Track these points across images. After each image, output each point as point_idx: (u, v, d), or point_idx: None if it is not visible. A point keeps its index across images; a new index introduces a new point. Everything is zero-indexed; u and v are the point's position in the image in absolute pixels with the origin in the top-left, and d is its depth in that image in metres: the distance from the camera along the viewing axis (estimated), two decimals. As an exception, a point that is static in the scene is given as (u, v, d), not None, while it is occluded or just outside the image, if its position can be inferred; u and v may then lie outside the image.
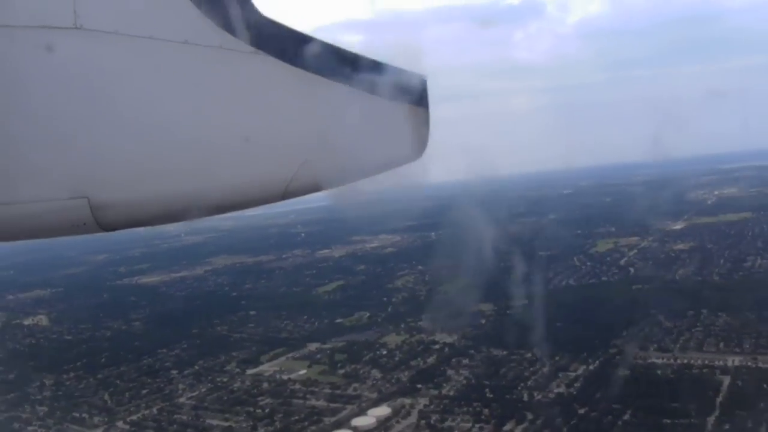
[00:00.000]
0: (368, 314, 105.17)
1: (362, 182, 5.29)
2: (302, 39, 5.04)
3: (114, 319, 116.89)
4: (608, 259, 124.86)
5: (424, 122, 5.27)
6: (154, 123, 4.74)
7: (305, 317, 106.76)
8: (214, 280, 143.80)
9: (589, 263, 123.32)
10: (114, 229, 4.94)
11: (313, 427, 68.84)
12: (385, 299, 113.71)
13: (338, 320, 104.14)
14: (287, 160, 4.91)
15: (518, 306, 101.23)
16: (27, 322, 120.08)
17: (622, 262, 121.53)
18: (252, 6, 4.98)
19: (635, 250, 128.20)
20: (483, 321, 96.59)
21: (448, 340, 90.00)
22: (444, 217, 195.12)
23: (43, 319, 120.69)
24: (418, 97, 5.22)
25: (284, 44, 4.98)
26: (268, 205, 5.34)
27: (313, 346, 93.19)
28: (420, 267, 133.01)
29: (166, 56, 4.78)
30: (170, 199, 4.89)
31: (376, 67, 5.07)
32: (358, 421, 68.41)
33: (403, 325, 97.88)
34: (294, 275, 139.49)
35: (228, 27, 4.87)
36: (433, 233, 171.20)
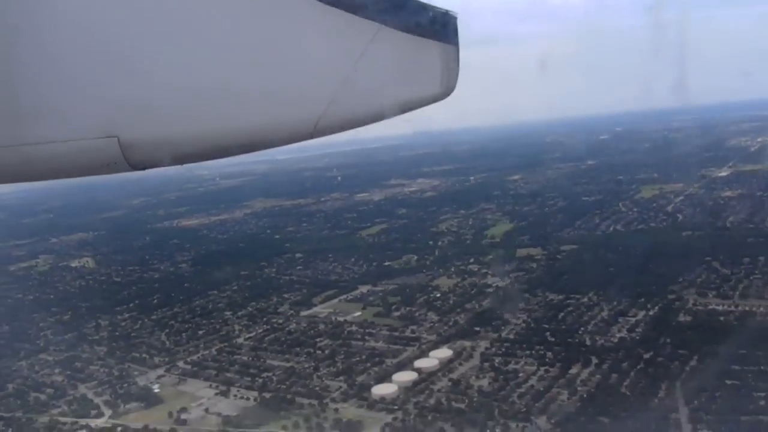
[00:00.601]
0: (416, 257, 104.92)
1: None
2: None
3: (160, 261, 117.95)
4: (654, 205, 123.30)
5: (453, 60, 5.10)
6: (181, 61, 4.64)
7: (352, 260, 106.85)
8: (255, 222, 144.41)
9: (635, 209, 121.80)
10: (144, 168, 4.89)
11: (376, 368, 69.10)
12: (430, 242, 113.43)
13: (386, 263, 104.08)
14: (315, 98, 4.75)
15: (568, 251, 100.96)
16: (74, 264, 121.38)
17: (669, 208, 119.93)
18: None
19: (681, 197, 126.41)
20: (534, 265, 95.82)
21: (501, 283, 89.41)
22: (480, 161, 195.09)
23: (89, 262, 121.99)
24: (448, 35, 5.06)
25: None
26: (297, 144, 5.13)
27: (364, 289, 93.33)
28: (462, 211, 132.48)
29: None
30: (200, 137, 4.82)
31: (405, 3, 4.94)
32: (421, 363, 68.60)
33: (453, 269, 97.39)
34: (335, 218, 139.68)
35: None
36: (471, 177, 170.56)
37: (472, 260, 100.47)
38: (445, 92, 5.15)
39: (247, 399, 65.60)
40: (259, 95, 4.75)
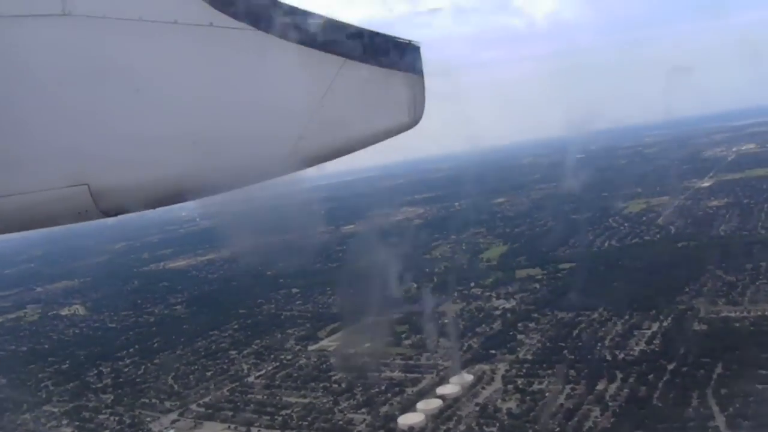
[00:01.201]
0: (416, 285, 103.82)
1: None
2: (292, 12, 4.96)
3: (153, 304, 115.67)
4: (644, 218, 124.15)
5: (419, 89, 5.18)
6: (149, 106, 4.70)
7: (351, 291, 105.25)
8: (244, 260, 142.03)
9: (626, 224, 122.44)
10: (116, 214, 4.95)
11: (397, 398, 67.91)
12: (427, 269, 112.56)
13: (387, 293, 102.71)
14: (284, 134, 4.86)
15: (567, 269, 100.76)
16: (64, 312, 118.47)
17: (659, 221, 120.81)
18: None
19: (670, 209, 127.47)
20: (536, 285, 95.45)
21: (507, 305, 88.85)
22: (461, 187, 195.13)
23: (79, 309, 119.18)
24: (412, 64, 5.13)
25: (275, 18, 4.92)
26: (268, 181, 5.16)
27: (369, 320, 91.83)
28: (453, 236, 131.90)
29: (157, 38, 4.75)
30: (170, 181, 4.87)
31: (368, 36, 5.02)
32: (444, 390, 67.56)
33: (456, 294, 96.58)
34: (325, 251, 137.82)
35: (217, 4, 4.82)
36: (456, 203, 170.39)
37: (473, 284, 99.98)
38: (414, 121, 5.17)
39: (270, 438, 63.96)
40: (228, 136, 4.76)
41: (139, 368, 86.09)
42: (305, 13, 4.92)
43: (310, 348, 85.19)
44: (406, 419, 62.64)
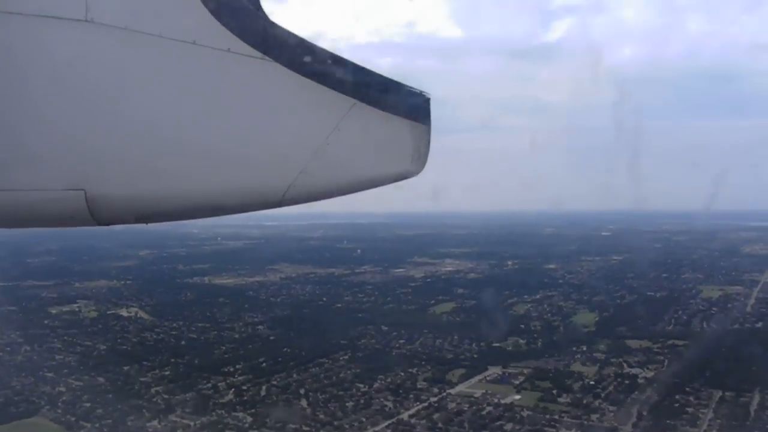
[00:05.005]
0: (523, 341, 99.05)
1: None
2: (309, 48, 5.03)
3: (229, 321, 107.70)
4: (730, 305, 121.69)
5: (425, 139, 5.20)
6: (156, 121, 4.70)
7: (455, 337, 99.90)
8: (300, 288, 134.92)
9: (714, 308, 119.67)
10: (109, 224, 4.87)
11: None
12: (522, 326, 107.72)
13: (495, 344, 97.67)
14: (287, 167, 4.86)
15: (681, 345, 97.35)
16: (123, 313, 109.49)
17: (747, 309, 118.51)
18: (262, 12, 4.99)
19: (752, 300, 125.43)
20: (661, 358, 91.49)
21: (648, 374, 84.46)
22: (498, 247, 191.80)
23: (140, 313, 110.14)
24: (420, 114, 5.18)
25: (292, 52, 4.96)
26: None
27: (496, 370, 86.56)
28: (526, 296, 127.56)
29: (174, 56, 4.75)
30: (168, 197, 4.83)
31: (381, 81, 5.08)
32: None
33: (578, 355, 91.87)
34: (388, 292, 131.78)
35: (237, 31, 4.86)
36: (509, 262, 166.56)
37: (585, 348, 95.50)
38: (416, 170, 5.16)
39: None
40: (231, 159, 4.74)
41: (260, 388, 78.61)
42: (322, 51, 4.92)
43: (450, 392, 78.94)
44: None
